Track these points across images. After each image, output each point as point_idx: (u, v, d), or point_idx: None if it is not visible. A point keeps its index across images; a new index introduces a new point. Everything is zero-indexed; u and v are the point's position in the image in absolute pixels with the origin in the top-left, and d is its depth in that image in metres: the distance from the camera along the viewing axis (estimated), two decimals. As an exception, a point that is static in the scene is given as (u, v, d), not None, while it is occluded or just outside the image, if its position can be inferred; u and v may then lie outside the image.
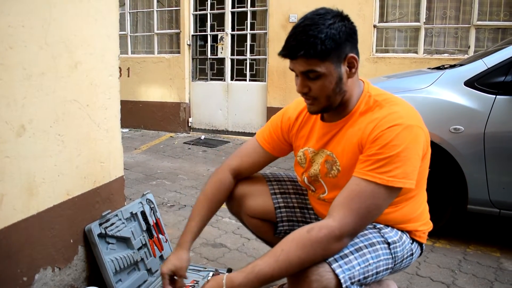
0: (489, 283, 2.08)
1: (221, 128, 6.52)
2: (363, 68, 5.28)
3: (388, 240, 1.32)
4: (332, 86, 1.27)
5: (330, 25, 1.22)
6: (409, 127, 1.23)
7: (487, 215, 2.44)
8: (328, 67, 1.24)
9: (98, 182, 1.77)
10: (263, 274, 1.18)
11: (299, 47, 1.22)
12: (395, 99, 1.34)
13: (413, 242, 1.43)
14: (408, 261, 1.42)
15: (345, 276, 1.18)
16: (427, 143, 1.31)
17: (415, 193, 1.38)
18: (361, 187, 1.21)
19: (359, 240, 1.28)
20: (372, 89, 1.37)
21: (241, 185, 1.68)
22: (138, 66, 6.85)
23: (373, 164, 1.21)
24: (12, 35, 1.31)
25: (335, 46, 1.23)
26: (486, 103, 2.30)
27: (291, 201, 1.69)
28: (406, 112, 1.28)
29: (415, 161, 1.22)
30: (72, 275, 1.65)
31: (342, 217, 1.19)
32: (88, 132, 1.69)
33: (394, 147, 1.20)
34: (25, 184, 1.40)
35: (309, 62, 1.23)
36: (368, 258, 1.25)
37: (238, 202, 1.69)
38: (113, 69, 1.82)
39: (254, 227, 1.73)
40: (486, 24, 4.89)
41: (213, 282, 1.24)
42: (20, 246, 1.40)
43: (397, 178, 1.19)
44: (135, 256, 1.80)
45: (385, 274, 1.33)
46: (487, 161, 2.29)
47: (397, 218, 1.38)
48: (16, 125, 1.35)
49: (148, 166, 4.49)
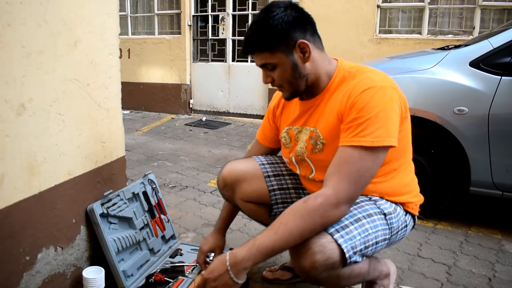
0: (490, 264, 2.09)
1: (222, 110, 6.50)
2: (366, 49, 5.24)
3: (384, 211, 1.36)
4: (289, 73, 1.34)
5: (272, 17, 1.29)
6: (382, 88, 1.27)
7: (489, 197, 2.43)
8: (279, 57, 1.32)
9: (99, 162, 1.76)
10: (265, 246, 1.20)
11: (249, 45, 1.33)
12: (367, 68, 1.39)
13: (406, 214, 1.47)
14: (402, 233, 1.47)
15: (347, 246, 1.22)
16: (404, 105, 1.34)
17: (399, 163, 1.42)
18: (348, 153, 1.24)
19: (357, 211, 1.32)
20: (345, 64, 1.42)
21: (233, 170, 1.69)
22: (139, 47, 6.79)
23: (355, 129, 1.25)
24: (10, 12, 1.28)
25: (280, 36, 1.29)
26: (491, 84, 2.27)
27: (285, 183, 1.69)
28: (378, 76, 1.32)
29: (394, 120, 1.25)
30: (74, 254, 1.65)
31: (335, 183, 1.22)
32: (89, 111, 1.68)
33: (371, 109, 1.24)
34: (26, 164, 1.39)
35: (262, 56, 1.33)
36: (367, 228, 1.29)
37: (231, 187, 1.70)
38: (113, 48, 1.79)
39: (249, 211, 1.74)
40: (491, 5, 4.82)
41: (217, 261, 1.27)
42: (22, 226, 1.40)
43: (381, 138, 1.22)
44: (137, 236, 1.81)
45: (384, 244, 1.37)
46: (491, 143, 2.28)
47: (388, 189, 1.42)
48: (15, 104, 1.33)
49: (149, 148, 4.48)
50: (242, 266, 1.22)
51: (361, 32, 5.33)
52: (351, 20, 5.35)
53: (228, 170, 1.69)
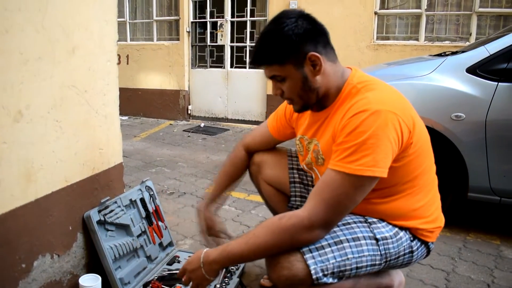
0: (489, 270, 2.08)
1: (221, 116, 6.50)
2: (363, 55, 5.26)
3: (376, 236, 1.30)
4: (299, 86, 1.30)
5: (282, 29, 1.25)
6: (376, 112, 1.16)
7: (488, 203, 2.43)
8: (289, 70, 1.28)
9: (97, 168, 1.75)
10: (233, 254, 1.26)
11: (258, 57, 1.31)
12: (374, 84, 1.29)
13: (414, 239, 1.38)
14: (407, 258, 1.38)
15: (317, 268, 1.20)
16: (408, 129, 1.22)
17: (407, 186, 1.32)
18: (330, 178, 1.20)
19: (342, 233, 1.27)
20: (357, 77, 1.33)
21: (263, 153, 1.81)
22: (137, 53, 6.80)
23: (341, 153, 1.19)
24: (8, 18, 1.28)
25: (290, 49, 1.25)
26: (488, 90, 2.27)
27: (306, 179, 1.74)
28: (377, 98, 1.22)
29: (386, 147, 1.16)
30: (71, 262, 1.65)
31: (312, 207, 1.20)
32: (87, 118, 1.67)
33: (359, 134, 1.16)
34: (23, 170, 1.39)
35: (271, 69, 1.30)
36: (347, 252, 1.24)
37: (257, 167, 1.81)
38: (111, 55, 1.79)
39: (267, 194, 1.82)
40: (488, 11, 4.85)
41: (195, 256, 1.37)
42: (18, 233, 1.39)
43: (366, 167, 1.15)
44: (134, 243, 1.80)
45: (372, 269, 1.31)
46: (488, 148, 2.28)
47: (390, 212, 1.34)
48: (13, 110, 1.33)
49: (147, 154, 4.47)
50: (212, 267, 1.31)
51: (359, 39, 5.35)
52: (349, 27, 5.37)
53: (259, 153, 1.81)
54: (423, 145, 1.31)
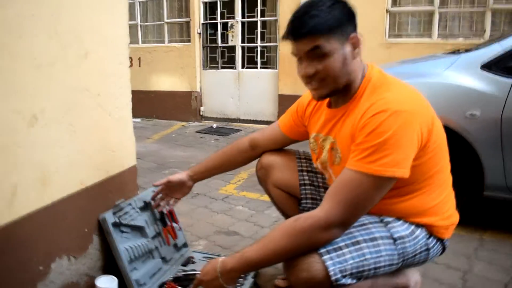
0: (506, 270, 2.05)
1: (233, 117, 6.51)
2: (375, 54, 5.20)
3: (394, 236, 1.29)
4: (339, 65, 1.25)
5: (331, 5, 1.23)
6: (397, 112, 1.16)
7: (504, 202, 2.40)
8: (334, 44, 1.23)
9: (111, 171, 1.77)
10: (251, 260, 1.24)
11: (304, 25, 1.21)
12: (392, 84, 1.29)
13: (430, 237, 1.37)
14: (424, 256, 1.37)
15: (335, 269, 1.18)
16: (427, 129, 1.23)
17: (424, 184, 1.31)
18: (349, 177, 1.19)
19: (359, 233, 1.26)
20: (374, 73, 1.33)
21: (270, 155, 1.76)
22: (149, 56, 6.84)
23: (360, 153, 1.18)
24: (21, 24, 1.30)
25: (339, 23, 1.23)
26: (503, 87, 2.24)
27: (317, 181, 1.72)
28: (396, 98, 1.21)
29: (406, 148, 1.16)
30: (87, 264, 1.66)
31: (329, 207, 1.18)
32: (100, 121, 1.69)
33: (380, 134, 1.15)
34: (38, 175, 1.41)
35: (314, 40, 1.22)
36: (365, 253, 1.23)
37: (265, 170, 1.77)
38: (123, 58, 1.80)
39: (277, 198, 1.79)
40: (502, 8, 4.77)
41: (210, 266, 1.34)
42: (35, 236, 1.41)
43: (386, 167, 1.15)
44: (149, 244, 1.81)
45: (390, 269, 1.30)
46: (504, 146, 2.24)
47: (407, 210, 1.33)
48: (27, 115, 1.34)
49: (160, 155, 4.50)
50: (231, 275, 1.29)
51: (370, 37, 5.31)
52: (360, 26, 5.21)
53: (266, 155, 1.76)
54: (441, 143, 1.31)
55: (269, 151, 1.77)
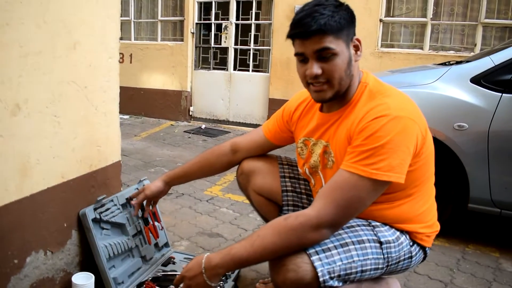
0: (488, 283, 2.06)
1: (222, 118, 6.49)
2: (367, 62, 5.23)
3: (380, 239, 1.29)
4: (345, 67, 1.26)
5: (338, 6, 1.25)
6: (397, 118, 1.18)
7: (487, 215, 2.41)
8: (341, 45, 1.24)
9: (94, 166, 1.73)
10: (238, 257, 1.21)
11: (314, 23, 1.20)
12: (389, 90, 1.30)
13: (413, 244, 1.38)
14: (406, 263, 1.38)
15: (324, 270, 1.17)
16: (422, 136, 1.24)
17: (414, 191, 1.33)
18: (344, 179, 1.19)
19: (347, 235, 1.25)
20: (370, 79, 1.34)
21: (252, 160, 1.72)
22: (141, 53, 6.79)
23: (357, 156, 1.19)
24: (9, 10, 1.27)
25: (346, 25, 1.24)
26: (491, 101, 2.25)
27: (299, 187, 1.69)
28: (396, 104, 1.23)
29: (402, 153, 1.17)
30: (64, 259, 1.63)
31: (322, 207, 1.17)
32: (86, 114, 1.66)
33: (378, 138, 1.16)
34: (19, 165, 1.37)
35: (324, 39, 1.21)
36: (353, 255, 1.23)
37: (246, 176, 1.73)
38: (113, 52, 1.78)
39: (258, 204, 1.76)
40: (493, 22, 4.83)
41: (194, 262, 1.30)
42: (11, 228, 1.37)
43: (382, 171, 1.15)
44: (129, 242, 1.78)
45: (375, 273, 1.30)
46: (491, 160, 2.26)
47: (395, 216, 1.33)
48: (10, 104, 1.31)
49: (147, 154, 4.46)
50: (215, 272, 1.25)
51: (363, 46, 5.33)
52: None
53: (247, 160, 1.72)
54: (430, 153, 1.33)
55: (250, 156, 1.73)
